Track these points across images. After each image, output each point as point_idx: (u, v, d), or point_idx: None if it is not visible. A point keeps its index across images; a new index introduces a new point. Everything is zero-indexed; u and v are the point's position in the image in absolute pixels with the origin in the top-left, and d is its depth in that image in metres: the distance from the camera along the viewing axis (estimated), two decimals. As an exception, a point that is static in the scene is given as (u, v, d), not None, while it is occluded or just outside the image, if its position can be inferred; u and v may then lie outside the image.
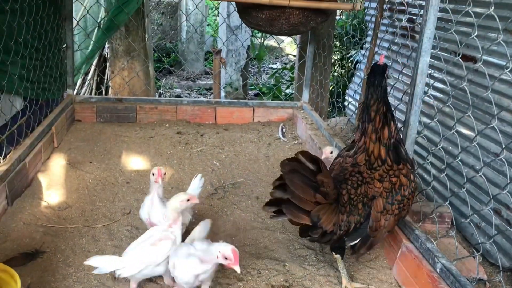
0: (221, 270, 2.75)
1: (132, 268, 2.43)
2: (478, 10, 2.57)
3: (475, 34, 2.53)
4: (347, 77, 7.35)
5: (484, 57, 3.44)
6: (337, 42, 8.52)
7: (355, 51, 7.51)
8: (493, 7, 2.39)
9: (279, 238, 3.21)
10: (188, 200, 2.58)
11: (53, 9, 4.63)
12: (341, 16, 8.54)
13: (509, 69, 2.29)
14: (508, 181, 2.36)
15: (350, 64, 7.82)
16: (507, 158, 3.11)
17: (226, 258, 2.23)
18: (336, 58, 8.47)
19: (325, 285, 2.74)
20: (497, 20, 2.40)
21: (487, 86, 3.37)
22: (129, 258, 2.46)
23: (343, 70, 8.17)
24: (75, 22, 5.34)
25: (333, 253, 2.71)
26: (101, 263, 2.40)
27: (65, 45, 5.09)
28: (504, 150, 2.40)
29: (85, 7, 5.71)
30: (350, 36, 7.19)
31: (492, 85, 3.29)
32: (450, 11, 2.70)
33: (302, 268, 2.87)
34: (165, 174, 2.76)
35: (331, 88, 6.88)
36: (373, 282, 2.80)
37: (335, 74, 8.32)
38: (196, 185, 3.04)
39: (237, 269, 2.21)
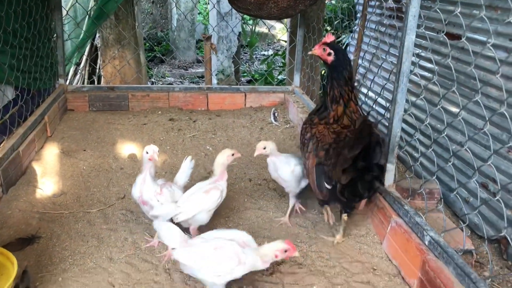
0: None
1: (188, 213, 2.74)
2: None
3: (459, 11, 2.57)
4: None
5: (469, 35, 3.50)
6: (328, 27, 8.53)
7: (345, 35, 7.53)
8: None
9: (272, 218, 3.26)
10: (233, 155, 2.94)
11: (42, -2, 4.62)
12: (331, 1, 8.55)
13: (490, 44, 2.33)
14: (491, 153, 2.41)
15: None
16: (492, 132, 3.17)
17: (285, 251, 2.35)
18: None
19: (317, 260, 2.81)
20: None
21: (476, 64, 3.43)
22: (185, 204, 2.77)
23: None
24: (64, 12, 5.32)
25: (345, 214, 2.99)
26: (162, 211, 2.72)
27: (55, 35, 5.09)
28: (488, 123, 2.45)
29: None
30: (340, 20, 7.21)
31: (475, 61, 3.34)
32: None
33: (294, 245, 2.92)
34: (158, 151, 2.80)
35: (322, 71, 6.90)
36: (364, 257, 2.86)
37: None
38: (186, 166, 3.09)
39: (297, 253, 2.38)
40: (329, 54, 3.01)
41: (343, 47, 7.30)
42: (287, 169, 3.13)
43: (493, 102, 3.27)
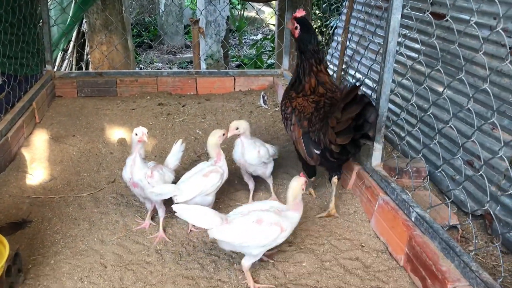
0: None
1: (186, 195, 2.73)
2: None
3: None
4: (326, 44, 7.38)
5: (455, 14, 3.52)
6: (316, 11, 8.51)
7: (334, 18, 7.52)
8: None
9: (261, 198, 3.30)
10: (224, 134, 2.98)
11: (26, -17, 4.57)
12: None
13: (473, 22, 2.36)
14: (475, 129, 2.46)
15: (330, 31, 7.84)
16: (478, 110, 3.22)
17: (305, 182, 2.57)
18: (316, 25, 8.47)
19: (306, 238, 2.85)
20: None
21: (460, 43, 3.46)
22: (184, 186, 2.78)
23: (323, 38, 8.19)
24: (49, -3, 5.27)
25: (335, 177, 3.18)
26: (163, 190, 2.72)
27: (41, 21, 5.03)
28: (473, 101, 2.49)
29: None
30: (328, 3, 7.20)
31: (461, 40, 3.38)
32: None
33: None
34: (147, 133, 2.80)
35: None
36: (353, 235, 2.91)
37: (316, 42, 8.33)
38: (176, 149, 3.11)
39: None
40: (296, 27, 3.16)
41: (332, 30, 7.31)
42: (253, 152, 3.13)
43: (478, 80, 3.31)
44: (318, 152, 3.00)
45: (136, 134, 2.76)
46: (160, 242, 2.77)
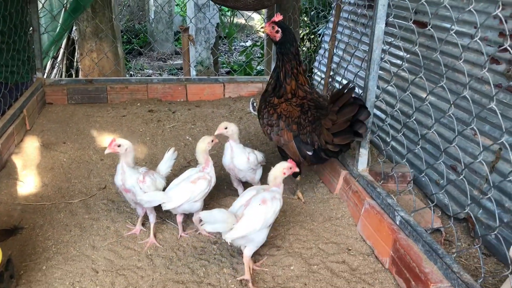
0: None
1: (175, 201, 2.79)
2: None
3: (422, 1, 2.69)
4: (314, 51, 7.48)
5: (438, 23, 3.62)
6: (305, 17, 8.61)
7: (322, 25, 7.63)
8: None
9: (251, 204, 3.35)
10: (212, 141, 3.05)
11: (16, -9, 4.61)
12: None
13: (453, 31, 2.45)
14: (456, 134, 2.54)
15: (318, 38, 7.94)
16: (461, 116, 3.31)
17: (290, 168, 2.75)
18: (304, 33, 8.57)
19: (294, 242, 2.92)
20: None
21: (443, 51, 3.56)
22: (173, 193, 2.83)
23: (312, 45, 8.29)
24: (40, 5, 5.30)
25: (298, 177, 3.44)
26: (152, 198, 2.78)
27: (31, 28, 5.07)
28: (454, 108, 2.58)
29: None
30: (316, 11, 7.30)
31: (445, 48, 3.48)
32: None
33: (272, 229, 3.03)
34: (119, 145, 2.79)
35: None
36: (340, 239, 2.98)
37: (304, 49, 8.43)
38: (168, 157, 3.16)
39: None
40: (277, 31, 3.33)
41: (320, 37, 7.41)
42: (243, 158, 3.21)
43: (460, 87, 3.40)
44: (310, 153, 3.21)
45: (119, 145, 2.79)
46: (151, 247, 2.82)
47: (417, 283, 2.37)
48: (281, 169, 2.74)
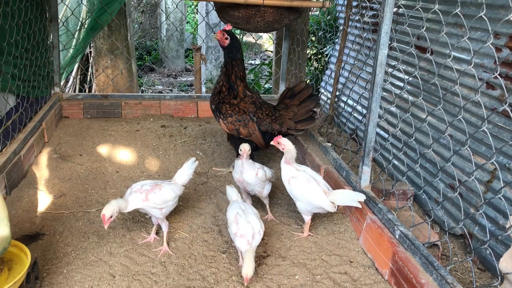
0: (207, 240, 3.08)
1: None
2: (431, 6, 2.92)
3: (424, 29, 2.89)
4: (321, 71, 7.71)
5: (438, 49, 3.83)
6: (313, 38, 8.87)
7: (329, 46, 7.87)
8: (437, 5, 2.74)
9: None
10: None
11: (40, 11, 4.87)
12: (317, 13, 8.88)
13: (451, 58, 2.65)
14: (452, 154, 2.72)
15: (325, 59, 8.18)
16: (459, 138, 3.49)
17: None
18: (312, 53, 8.81)
19: (299, 254, 3.08)
20: (440, 15, 2.76)
21: (443, 75, 3.75)
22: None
23: (319, 65, 8.52)
24: (60, 23, 5.56)
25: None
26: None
27: (52, 45, 5.33)
28: (452, 129, 2.75)
29: (69, 8, 5.94)
30: (323, 32, 7.55)
31: (444, 72, 3.67)
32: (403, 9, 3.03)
33: (279, 241, 3.22)
34: (111, 217, 2.81)
35: (307, 81, 7.22)
36: (342, 251, 3.14)
37: (312, 68, 8.66)
38: (188, 166, 3.33)
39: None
40: (226, 38, 3.99)
41: (327, 58, 7.63)
42: (251, 173, 3.40)
43: (459, 109, 3.59)
44: (266, 138, 4.10)
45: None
46: (164, 255, 2.99)
47: (414, 293, 2.53)
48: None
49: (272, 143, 3.44)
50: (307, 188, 3.18)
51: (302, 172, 3.27)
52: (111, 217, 2.81)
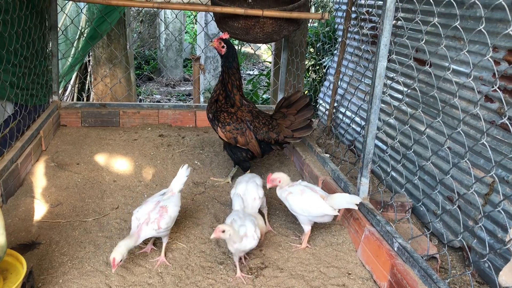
0: (205, 252, 3.06)
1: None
2: (430, 19, 2.94)
3: (423, 42, 2.91)
4: (319, 82, 7.74)
5: (437, 61, 3.85)
6: (311, 49, 8.91)
7: (327, 58, 7.91)
8: (436, 18, 2.76)
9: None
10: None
11: (40, 19, 4.88)
12: (316, 24, 8.94)
13: (450, 71, 2.66)
14: (451, 167, 2.72)
15: (323, 70, 8.21)
16: (457, 150, 3.50)
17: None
18: (310, 64, 8.85)
19: (297, 266, 3.06)
20: (440, 28, 2.78)
21: (442, 88, 3.77)
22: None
23: (317, 76, 8.55)
24: (59, 32, 5.57)
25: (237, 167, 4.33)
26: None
27: (50, 54, 5.33)
28: (451, 141, 2.76)
29: (69, 17, 5.96)
30: (322, 44, 7.59)
31: (443, 85, 3.69)
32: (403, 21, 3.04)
33: (276, 252, 3.20)
34: (121, 261, 2.71)
35: (305, 92, 7.24)
36: (340, 263, 3.12)
37: (310, 79, 8.70)
38: (182, 174, 3.29)
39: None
40: (223, 47, 4.04)
41: (325, 69, 7.67)
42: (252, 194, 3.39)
43: (457, 122, 3.60)
44: (262, 146, 4.16)
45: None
46: (161, 266, 2.97)
47: (413, 306, 2.51)
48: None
49: (268, 186, 3.43)
50: (305, 199, 3.19)
51: (296, 185, 3.31)
52: (120, 261, 2.71)
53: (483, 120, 2.56)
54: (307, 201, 3.18)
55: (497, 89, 2.25)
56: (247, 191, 3.38)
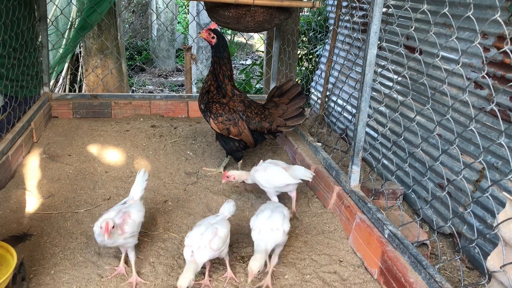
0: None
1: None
2: (420, 6, 2.93)
3: (413, 28, 2.90)
4: (312, 71, 7.72)
5: (427, 49, 3.85)
6: (303, 38, 8.88)
7: (319, 46, 7.89)
8: (426, 5, 2.76)
9: (248, 217, 3.52)
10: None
11: (28, 10, 4.83)
12: (308, 13, 8.90)
13: (439, 58, 2.66)
14: (440, 153, 2.73)
15: (315, 59, 8.19)
16: (448, 137, 3.51)
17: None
18: (303, 53, 8.82)
19: (289, 254, 3.08)
20: (429, 15, 2.78)
21: (432, 75, 3.77)
22: None
23: (309, 65, 8.53)
24: (49, 22, 5.52)
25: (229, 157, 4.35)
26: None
27: (40, 45, 5.28)
28: (441, 128, 2.77)
29: (59, 8, 5.90)
30: (314, 32, 7.56)
31: (434, 72, 3.69)
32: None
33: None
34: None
35: (297, 81, 7.23)
36: (332, 251, 3.14)
37: (302, 68, 8.68)
38: (140, 179, 3.07)
39: None
40: (213, 37, 4.02)
41: (317, 58, 7.65)
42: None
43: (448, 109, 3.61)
44: (255, 136, 4.17)
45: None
46: (153, 255, 2.97)
47: (403, 292, 2.54)
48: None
49: (223, 181, 3.66)
50: (268, 172, 3.45)
51: (261, 164, 3.59)
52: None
53: (471, 107, 2.57)
54: (270, 174, 3.44)
55: (485, 76, 2.25)
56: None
